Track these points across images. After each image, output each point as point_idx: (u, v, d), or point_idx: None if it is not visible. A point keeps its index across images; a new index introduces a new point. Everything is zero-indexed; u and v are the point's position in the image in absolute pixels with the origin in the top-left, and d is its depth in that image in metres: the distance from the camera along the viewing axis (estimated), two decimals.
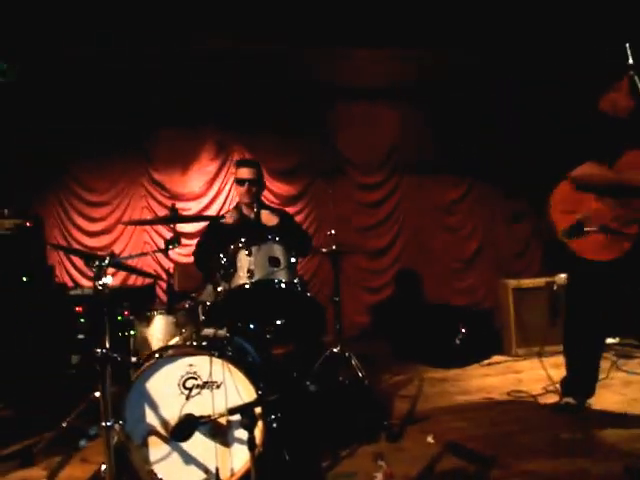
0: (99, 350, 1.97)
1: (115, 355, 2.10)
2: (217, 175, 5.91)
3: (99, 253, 2.28)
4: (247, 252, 2.40)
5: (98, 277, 1.99)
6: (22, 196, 5.44)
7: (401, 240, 6.31)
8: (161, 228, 5.77)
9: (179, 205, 5.78)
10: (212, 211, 5.75)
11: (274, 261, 2.43)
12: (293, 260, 2.50)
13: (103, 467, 2.25)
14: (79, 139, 5.59)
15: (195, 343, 2.21)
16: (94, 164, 5.72)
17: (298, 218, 5.72)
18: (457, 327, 4.54)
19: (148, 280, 5.36)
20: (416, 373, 4.19)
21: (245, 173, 3.27)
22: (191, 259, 5.48)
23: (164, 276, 5.54)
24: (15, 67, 2.40)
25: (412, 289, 5.81)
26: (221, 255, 2.39)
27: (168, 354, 2.16)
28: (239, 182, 3.27)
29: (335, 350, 3.06)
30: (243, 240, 2.44)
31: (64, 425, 2.87)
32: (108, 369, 2.02)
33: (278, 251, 2.49)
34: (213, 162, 5.92)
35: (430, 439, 2.82)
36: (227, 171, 5.93)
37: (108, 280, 2.17)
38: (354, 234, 5.97)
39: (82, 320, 4.49)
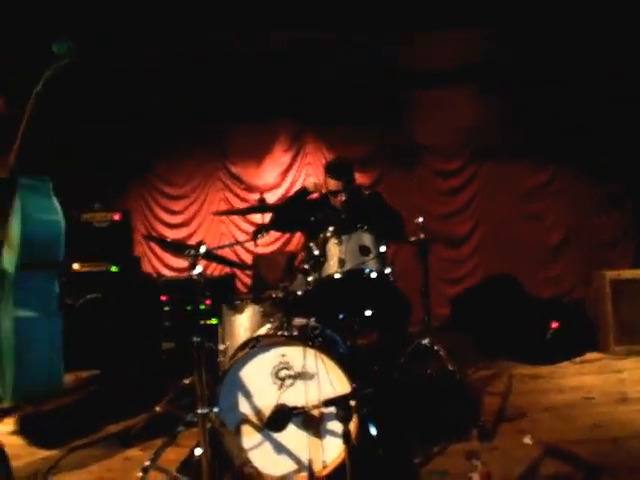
0: (195, 339, 1.99)
1: (210, 344, 2.11)
2: (291, 166, 5.93)
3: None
4: (337, 241, 2.34)
5: (193, 266, 2.00)
6: (109, 191, 5.72)
7: (481, 229, 6.05)
8: (237, 219, 5.88)
9: (254, 197, 5.85)
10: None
11: (364, 250, 2.35)
12: (383, 249, 2.42)
13: (197, 451, 2.30)
14: (160, 136, 5.80)
15: (287, 333, 2.18)
16: (174, 159, 5.92)
17: None
18: (546, 321, 4.27)
19: (226, 270, 5.48)
20: (503, 368, 3.98)
21: (333, 185, 3.07)
22: (270, 249, 5.62)
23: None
24: (75, 46, 2.40)
25: (494, 280, 5.54)
26: (311, 244, 2.35)
27: (261, 344, 2.15)
28: (332, 194, 3.07)
29: (424, 342, 2.95)
30: (332, 229, 2.39)
31: (157, 409, 2.99)
32: (204, 357, 2.03)
33: (368, 240, 2.41)
34: (286, 153, 5.94)
35: (527, 440, 2.64)
36: (300, 162, 5.94)
37: (199, 270, 2.19)
38: (432, 223, 5.78)
39: (167, 308, 4.65)
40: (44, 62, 2.57)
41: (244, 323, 2.70)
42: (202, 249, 2.01)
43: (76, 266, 4.61)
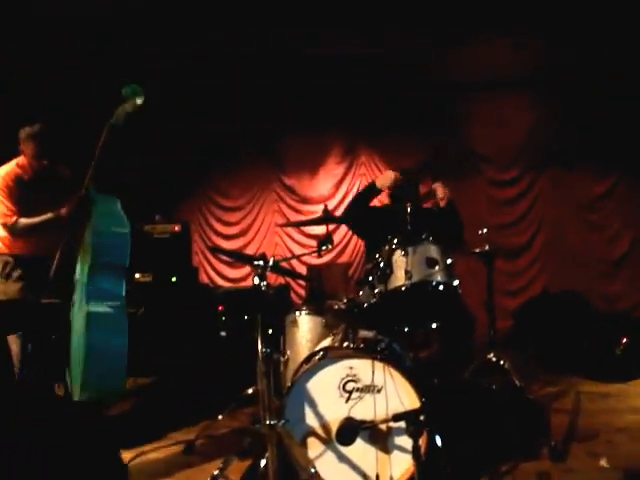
0: (264, 350, 2.00)
1: (277, 356, 2.13)
2: (344, 177, 5.96)
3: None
4: (403, 252, 2.31)
5: (262, 278, 2.03)
6: (167, 203, 5.91)
7: (540, 239, 5.86)
8: (291, 231, 5.94)
9: (308, 208, 5.92)
10: (340, 214, 5.78)
11: (431, 262, 2.32)
12: (450, 261, 2.38)
13: (262, 462, 2.31)
14: (216, 149, 5.95)
15: (354, 345, 2.17)
16: (230, 172, 6.07)
17: None
18: (615, 336, 4.06)
19: (280, 280, 5.53)
20: (570, 385, 3.80)
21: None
22: (323, 260, 5.63)
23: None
24: (141, 87, 2.72)
25: (556, 292, 5.33)
26: (377, 255, 2.33)
27: (328, 356, 2.14)
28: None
29: (489, 357, 2.85)
30: (397, 240, 2.36)
31: (220, 418, 3.03)
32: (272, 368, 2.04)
33: (434, 251, 2.37)
34: (340, 165, 5.97)
35: (604, 463, 2.50)
36: (354, 173, 5.95)
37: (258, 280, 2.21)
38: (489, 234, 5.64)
39: (223, 318, 4.73)
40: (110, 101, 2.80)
41: (305, 334, 2.71)
42: (271, 261, 2.03)
43: (137, 276, 4.77)
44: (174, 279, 4.75)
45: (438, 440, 2.17)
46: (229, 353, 4.59)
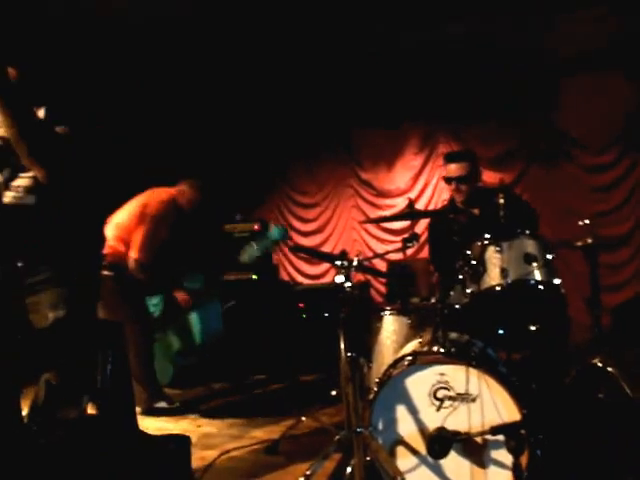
0: (351, 354, 1.92)
1: (363, 361, 2.04)
2: (422, 169, 5.74)
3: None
4: (497, 249, 2.13)
5: (347, 278, 1.94)
6: (247, 203, 6.01)
7: None
8: (369, 226, 5.83)
9: (386, 202, 5.78)
10: (419, 206, 5.58)
11: (529, 258, 2.12)
12: (550, 256, 2.16)
13: (348, 469, 2.22)
14: (292, 146, 5.96)
15: (445, 350, 2.02)
16: (306, 169, 6.07)
17: None
18: None
19: (359, 277, 5.43)
20: None
21: (453, 170, 2.86)
22: (401, 256, 5.47)
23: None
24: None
25: None
26: (468, 252, 2.16)
27: (418, 361, 2.02)
28: (446, 180, 2.89)
29: (595, 362, 2.57)
30: (488, 235, 2.18)
31: (303, 419, 2.99)
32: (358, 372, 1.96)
33: (532, 246, 2.16)
34: (418, 156, 5.77)
35: None
36: (433, 164, 5.72)
37: (341, 279, 2.12)
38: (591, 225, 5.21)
39: (304, 316, 4.71)
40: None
41: (391, 336, 2.59)
42: (355, 261, 1.94)
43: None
44: (255, 277, 4.79)
45: (540, 456, 1.98)
46: (311, 351, 4.57)
